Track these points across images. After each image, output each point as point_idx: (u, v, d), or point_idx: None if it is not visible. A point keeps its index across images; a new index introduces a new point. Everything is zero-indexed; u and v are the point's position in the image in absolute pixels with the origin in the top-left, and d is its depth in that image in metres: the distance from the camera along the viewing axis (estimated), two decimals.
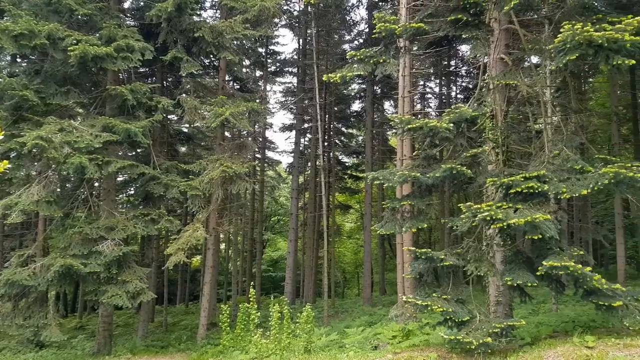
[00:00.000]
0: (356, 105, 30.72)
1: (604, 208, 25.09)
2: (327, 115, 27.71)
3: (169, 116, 19.50)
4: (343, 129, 31.60)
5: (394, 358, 8.75)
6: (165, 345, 16.80)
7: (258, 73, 27.58)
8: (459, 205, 8.65)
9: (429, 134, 8.97)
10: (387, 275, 32.27)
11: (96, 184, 16.80)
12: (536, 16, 10.35)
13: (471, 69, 24.32)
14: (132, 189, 18.50)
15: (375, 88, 25.67)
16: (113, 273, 13.81)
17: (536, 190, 7.75)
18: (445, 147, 9.91)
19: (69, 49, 13.18)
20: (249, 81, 23.51)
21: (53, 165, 13.85)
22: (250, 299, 11.52)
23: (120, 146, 15.52)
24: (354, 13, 33.36)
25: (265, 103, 23.56)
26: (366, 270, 23.92)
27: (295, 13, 25.49)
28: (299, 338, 10.73)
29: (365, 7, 24.46)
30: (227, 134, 21.21)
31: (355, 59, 10.11)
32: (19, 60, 16.89)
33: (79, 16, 14.47)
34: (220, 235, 22.42)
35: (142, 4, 17.56)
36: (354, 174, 31.58)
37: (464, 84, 27.23)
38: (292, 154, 27.36)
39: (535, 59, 10.40)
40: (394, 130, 23.83)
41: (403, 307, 8.98)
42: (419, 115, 21.50)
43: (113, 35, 14.23)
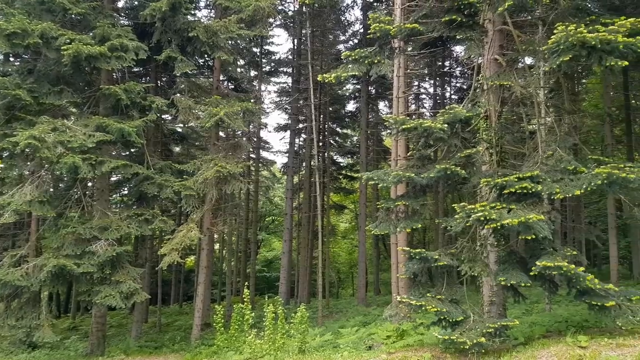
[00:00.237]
0: (351, 106, 30.78)
1: (597, 208, 25.25)
2: (322, 116, 27.71)
3: (163, 116, 19.45)
4: (338, 129, 31.61)
5: (388, 358, 8.75)
6: (159, 345, 16.74)
7: (253, 73, 27.53)
8: (453, 205, 8.67)
9: (424, 134, 8.98)
10: (382, 275, 32.31)
11: (89, 184, 16.72)
12: (530, 17, 10.40)
13: (465, 70, 24.40)
14: (126, 189, 18.45)
15: (370, 88, 25.72)
16: (106, 273, 13.74)
17: (530, 191, 7.78)
18: (440, 148, 9.93)
19: (62, 48, 13.11)
20: (244, 81, 23.46)
21: (46, 165, 13.76)
22: (245, 299, 11.51)
23: (114, 146, 15.45)
24: (348, 13, 33.55)
25: (260, 103, 23.53)
26: (360, 270, 23.94)
27: (290, 13, 25.48)
28: (293, 338, 10.72)
29: (360, 8, 24.50)
30: (222, 133, 21.14)
31: (350, 59, 10.11)
32: (11, 59, 16.77)
33: (73, 15, 14.39)
34: (215, 236, 22.38)
35: (136, 3, 17.50)
36: (349, 174, 31.60)
37: (458, 85, 27.33)
38: (287, 154, 27.34)
39: (529, 60, 10.45)
40: (389, 131, 23.81)
41: (397, 307, 9.00)
42: (414, 116, 21.56)
43: (107, 34, 14.17)
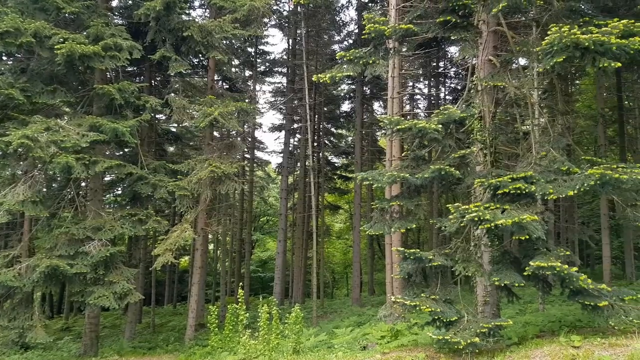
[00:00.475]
0: (346, 106, 30.79)
1: (590, 209, 25.39)
2: (317, 116, 27.71)
3: (157, 116, 19.39)
4: (332, 129, 31.63)
5: (382, 358, 8.76)
6: (153, 346, 16.69)
7: (247, 73, 27.54)
8: (447, 205, 8.69)
9: (418, 134, 8.99)
10: (376, 275, 32.36)
11: (83, 184, 16.63)
12: (524, 18, 10.44)
13: (460, 71, 24.49)
14: (120, 189, 18.37)
15: (364, 89, 25.74)
16: (100, 274, 13.68)
17: (523, 191, 7.80)
18: (434, 148, 9.94)
19: (56, 47, 13.04)
20: (238, 81, 23.45)
21: (39, 165, 13.69)
22: (239, 300, 11.47)
23: (108, 146, 15.39)
24: (343, 14, 33.57)
25: (255, 103, 23.49)
26: (355, 270, 23.95)
27: (285, 13, 25.48)
28: (287, 339, 10.71)
29: (354, 8, 24.50)
30: (216, 133, 21.11)
31: (344, 59, 10.11)
32: (4, 58, 16.66)
33: (66, 14, 14.33)
34: (209, 236, 22.33)
35: (130, 2, 17.45)
36: (344, 174, 31.62)
37: (452, 85, 27.42)
38: (282, 154, 27.32)
39: (523, 61, 10.49)
40: (383, 131, 23.91)
41: (392, 307, 9.00)
42: (408, 116, 21.58)
43: (101, 33, 14.10)
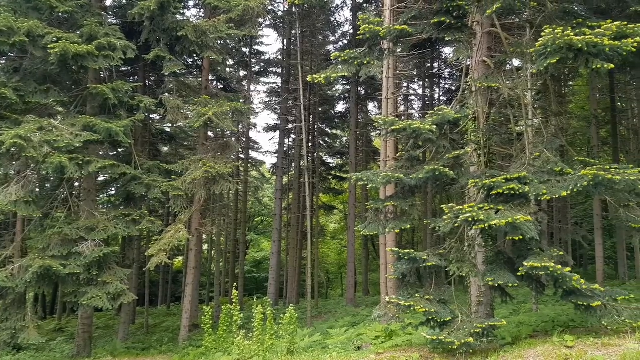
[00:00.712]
0: (340, 106, 30.83)
1: (583, 209, 25.53)
2: (312, 116, 27.71)
3: (151, 116, 19.31)
4: (327, 129, 31.63)
5: (376, 358, 8.77)
6: (147, 347, 16.62)
7: (242, 73, 27.48)
8: (441, 206, 8.71)
9: (412, 135, 9.01)
10: (371, 275, 32.39)
11: (76, 184, 16.55)
12: (518, 20, 10.49)
13: (454, 72, 24.54)
14: (113, 189, 18.28)
15: (359, 89, 25.76)
16: (93, 274, 13.62)
17: (517, 192, 7.84)
18: (428, 149, 9.97)
19: (49, 46, 12.98)
20: (233, 81, 23.41)
21: (32, 165, 13.61)
22: (233, 300, 11.44)
23: (101, 146, 15.31)
24: (338, 14, 33.37)
25: (249, 103, 23.47)
26: (350, 270, 23.97)
27: (280, 13, 25.45)
28: (282, 339, 10.69)
29: (349, 9, 24.56)
30: (211, 133, 21.06)
31: (339, 60, 10.11)
32: None
33: (60, 13, 14.25)
34: (203, 236, 22.25)
35: (124, 1, 17.37)
36: (338, 174, 31.62)
37: (447, 86, 27.48)
38: (276, 155, 27.31)
39: (516, 62, 10.55)
40: (378, 132, 23.94)
41: (386, 308, 9.00)
42: (403, 117, 21.64)
43: (94, 33, 14.04)
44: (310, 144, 26.95)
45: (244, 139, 27.60)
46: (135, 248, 20.41)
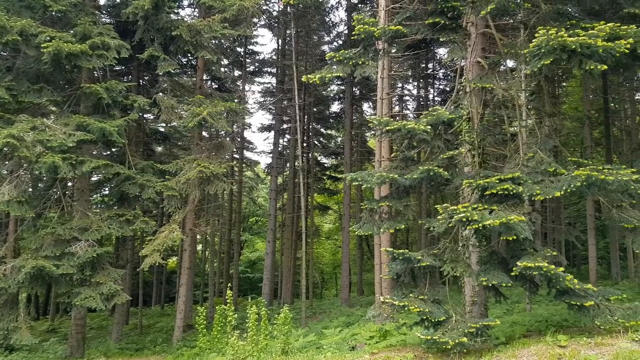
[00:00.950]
0: (335, 107, 30.84)
1: (576, 210, 25.67)
2: (306, 116, 27.70)
3: (145, 115, 19.25)
4: (322, 129, 31.64)
5: (371, 358, 8.77)
6: (140, 347, 16.55)
7: (237, 73, 27.42)
8: (435, 206, 8.73)
9: (407, 135, 9.02)
10: (365, 275, 32.42)
11: (69, 184, 16.45)
12: (512, 21, 10.52)
13: (448, 72, 24.63)
14: (107, 189, 18.19)
15: (354, 89, 25.79)
16: (86, 275, 13.55)
17: (511, 192, 7.87)
18: (423, 149, 10.00)
19: (43, 45, 12.89)
20: (228, 81, 23.35)
21: (25, 165, 13.52)
22: (227, 301, 11.41)
23: (95, 145, 15.23)
24: (333, 14, 33.59)
25: (244, 103, 23.44)
26: (344, 271, 23.98)
27: (275, 13, 25.44)
28: (276, 339, 10.68)
29: (344, 9, 24.55)
30: (205, 133, 21.01)
31: (334, 60, 10.12)
32: None
33: (53, 12, 14.17)
34: (197, 237, 22.21)
35: (118, 1, 17.28)
36: (333, 174, 31.64)
37: (441, 87, 27.56)
38: (271, 155, 27.27)
39: (510, 63, 10.57)
40: (373, 132, 23.98)
41: (380, 308, 9.02)
42: (397, 117, 21.67)
43: (88, 32, 13.97)
44: (305, 144, 26.94)
45: (239, 139, 27.56)
46: (129, 248, 20.32)
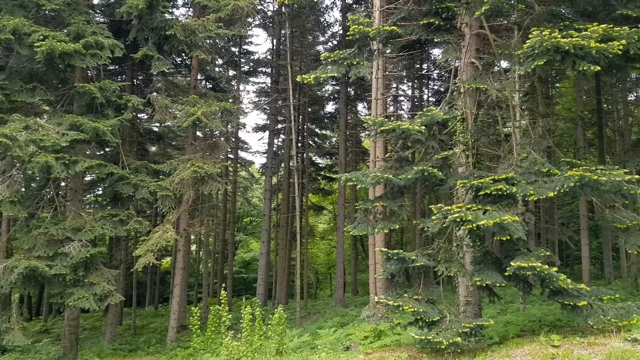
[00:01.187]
0: (330, 107, 30.82)
1: (569, 210, 25.78)
2: (301, 116, 27.69)
3: (139, 115, 19.19)
4: (317, 130, 31.63)
5: (365, 358, 8.78)
6: (134, 348, 16.49)
7: (231, 72, 27.41)
8: (430, 206, 8.74)
9: (402, 136, 9.04)
10: (360, 276, 32.45)
11: (63, 184, 16.38)
12: (506, 22, 10.58)
13: (443, 73, 24.67)
14: (100, 189, 18.11)
15: (349, 90, 25.79)
16: (80, 275, 13.48)
17: (505, 192, 7.90)
18: (417, 150, 10.01)
19: (36, 44, 12.83)
20: (222, 80, 23.31)
21: (17, 164, 13.45)
22: (222, 301, 11.38)
23: (88, 145, 15.18)
24: (328, 15, 33.58)
25: (239, 103, 23.40)
26: (339, 271, 23.97)
27: (269, 13, 25.41)
28: (270, 340, 10.66)
29: (339, 10, 24.54)
30: (199, 133, 20.96)
31: (329, 60, 10.12)
32: None
33: (47, 11, 14.11)
34: (191, 237, 22.15)
35: (112, 0, 17.22)
36: (328, 175, 31.64)
37: (435, 87, 27.61)
38: (266, 155, 27.23)
39: (504, 64, 10.62)
40: (367, 132, 24.00)
41: (375, 308, 9.04)
42: (392, 118, 21.69)
43: (82, 31, 13.91)
44: (299, 144, 26.93)
45: (233, 139, 27.52)
46: (123, 249, 20.23)
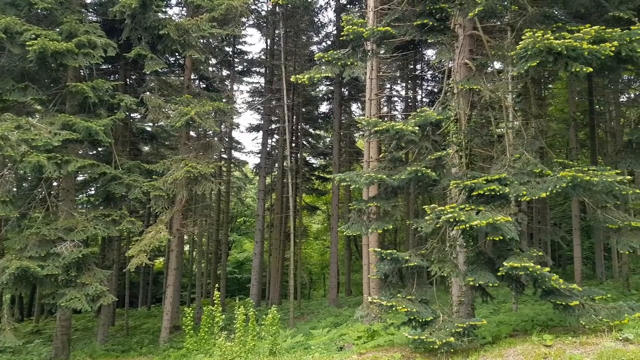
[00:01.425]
0: (324, 107, 30.84)
1: (561, 210, 25.93)
2: (295, 117, 27.67)
3: (132, 114, 19.11)
4: (311, 130, 31.62)
5: (359, 359, 8.79)
6: (127, 349, 16.42)
7: (225, 72, 27.32)
8: (423, 207, 8.76)
9: (395, 136, 9.05)
10: (353, 276, 32.48)
11: (55, 184, 16.27)
12: (499, 23, 10.62)
13: (436, 74, 24.76)
14: (93, 189, 18.00)
15: (342, 90, 25.80)
16: (72, 275, 13.41)
17: (497, 193, 7.93)
18: (411, 150, 10.03)
19: (28, 43, 12.75)
20: (216, 80, 23.25)
21: (9, 164, 13.37)
22: (215, 302, 11.36)
23: (81, 145, 15.09)
24: (322, 15, 33.44)
25: (232, 103, 23.32)
26: (332, 271, 23.97)
27: (263, 13, 25.37)
28: (264, 340, 10.65)
29: (333, 10, 24.57)
30: (193, 133, 20.90)
31: (323, 60, 10.12)
32: None
33: (39, 10, 14.02)
34: (184, 237, 22.06)
35: None
36: (321, 175, 31.64)
37: (429, 88, 27.68)
38: (259, 155, 27.20)
39: (498, 65, 10.67)
40: (361, 133, 24.01)
41: (368, 308, 9.03)
42: (386, 118, 21.72)
43: (74, 30, 13.83)
44: (293, 145, 26.91)
45: (227, 139, 27.43)
46: (115, 249, 20.13)
